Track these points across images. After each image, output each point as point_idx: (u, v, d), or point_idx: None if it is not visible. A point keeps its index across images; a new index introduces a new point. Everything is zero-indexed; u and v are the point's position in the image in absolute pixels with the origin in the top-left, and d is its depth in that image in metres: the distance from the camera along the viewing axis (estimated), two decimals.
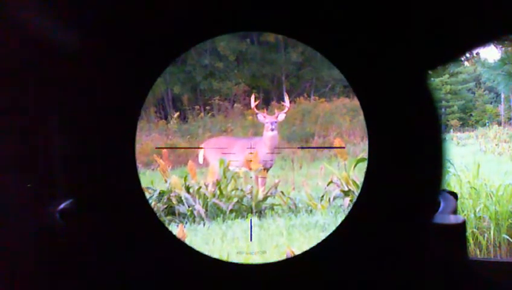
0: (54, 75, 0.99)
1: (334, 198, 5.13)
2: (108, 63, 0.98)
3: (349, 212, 1.03)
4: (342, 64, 1.01)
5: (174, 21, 0.98)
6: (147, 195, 4.89)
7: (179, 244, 1.05)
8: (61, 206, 1.00)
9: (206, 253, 1.05)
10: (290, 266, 1.04)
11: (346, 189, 5.09)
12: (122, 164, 1.00)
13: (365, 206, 1.00)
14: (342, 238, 1.02)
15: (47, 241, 1.00)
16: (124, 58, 0.99)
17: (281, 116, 5.86)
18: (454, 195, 1.13)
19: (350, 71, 1.00)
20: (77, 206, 0.97)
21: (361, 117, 1.00)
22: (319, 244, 1.03)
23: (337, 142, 6.19)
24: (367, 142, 1.01)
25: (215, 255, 1.05)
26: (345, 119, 8.97)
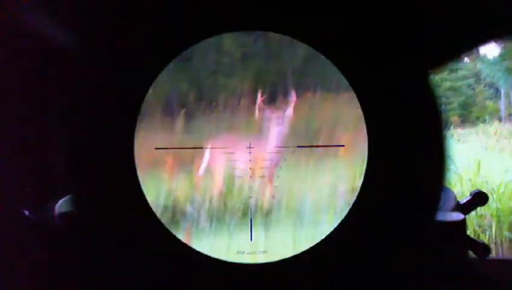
0: (53, 74, 0.98)
1: (340, 207, 5.08)
2: (107, 61, 0.98)
3: (350, 211, 1.02)
4: (340, 64, 1.01)
5: (174, 20, 0.98)
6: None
7: (179, 245, 1.05)
8: (60, 202, 1.00)
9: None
10: (290, 266, 1.03)
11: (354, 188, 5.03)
12: (121, 164, 0.99)
13: (365, 205, 1.00)
14: (341, 238, 1.02)
15: (47, 241, 1.00)
16: (123, 58, 0.99)
17: (289, 111, 5.79)
18: (484, 196, 1.14)
19: (349, 70, 1.00)
20: (75, 204, 0.97)
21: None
22: (318, 243, 1.02)
23: (344, 140, 6.14)
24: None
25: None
26: (352, 115, 8.93)
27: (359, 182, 1.01)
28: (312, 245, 1.04)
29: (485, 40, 1.07)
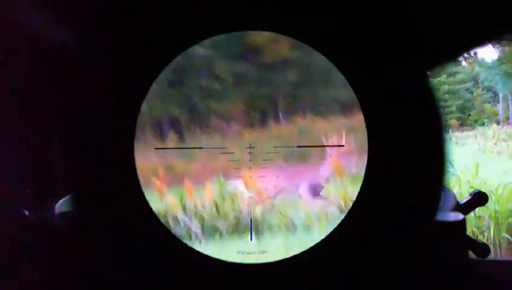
0: (53, 74, 0.98)
1: (332, 216, 5.11)
2: (107, 61, 0.98)
3: (350, 211, 1.02)
4: (340, 64, 1.01)
5: (174, 20, 0.98)
6: None
7: (179, 245, 1.05)
8: (60, 202, 1.00)
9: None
10: (290, 266, 1.03)
11: (343, 207, 5.05)
12: (121, 164, 0.99)
13: (365, 205, 1.00)
14: (341, 237, 1.02)
15: (47, 241, 1.00)
16: (123, 58, 0.99)
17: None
18: (484, 196, 1.14)
19: (349, 70, 1.00)
20: (75, 204, 0.97)
21: (359, 135, 0.99)
22: (319, 243, 1.02)
23: (334, 161, 6.07)
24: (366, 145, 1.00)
25: None
26: (341, 138, 8.94)
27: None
28: (312, 245, 1.03)
29: (483, 41, 1.07)
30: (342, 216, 0.99)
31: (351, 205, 1.01)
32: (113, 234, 0.98)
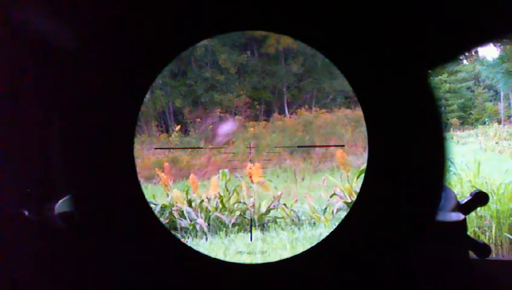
0: (53, 74, 0.99)
1: (338, 210, 5.04)
2: (107, 61, 0.98)
3: (350, 210, 1.02)
4: (341, 64, 1.01)
5: (174, 20, 0.98)
6: None
7: (179, 245, 1.05)
8: (60, 202, 1.00)
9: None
10: (290, 266, 1.03)
11: (349, 201, 4.97)
12: (121, 164, 0.99)
13: (366, 204, 1.00)
14: (342, 237, 1.02)
15: (47, 241, 1.00)
16: (123, 58, 0.99)
17: None
18: (484, 196, 1.13)
19: (350, 70, 1.00)
20: (75, 204, 0.97)
21: (364, 128, 0.99)
22: (319, 243, 1.02)
23: (339, 154, 6.00)
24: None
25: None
26: (346, 130, 8.90)
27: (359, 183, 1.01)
28: (312, 245, 1.03)
29: (484, 41, 1.07)
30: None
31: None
32: (113, 233, 0.98)
